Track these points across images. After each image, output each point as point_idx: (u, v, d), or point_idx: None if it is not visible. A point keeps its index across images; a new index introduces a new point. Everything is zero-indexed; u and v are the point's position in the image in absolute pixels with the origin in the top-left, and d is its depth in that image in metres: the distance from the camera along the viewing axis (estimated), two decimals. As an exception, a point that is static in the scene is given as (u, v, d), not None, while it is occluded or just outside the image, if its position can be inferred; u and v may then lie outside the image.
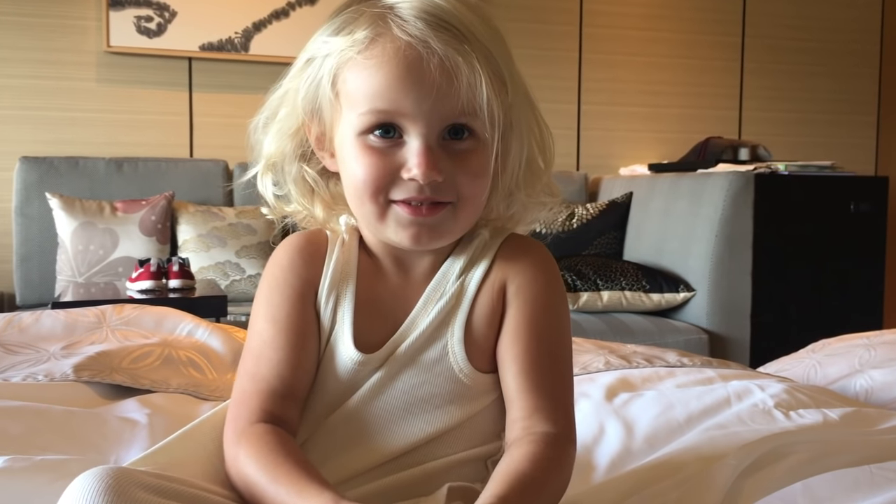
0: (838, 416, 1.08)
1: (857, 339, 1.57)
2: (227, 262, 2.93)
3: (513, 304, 0.77)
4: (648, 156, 3.77)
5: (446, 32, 0.69)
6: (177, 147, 3.32)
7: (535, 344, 0.76)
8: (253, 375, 0.75)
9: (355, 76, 0.71)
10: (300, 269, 0.78)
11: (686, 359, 1.42)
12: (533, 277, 0.78)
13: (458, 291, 0.77)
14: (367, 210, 0.74)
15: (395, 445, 0.74)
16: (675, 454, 0.93)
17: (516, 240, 0.81)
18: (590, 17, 3.74)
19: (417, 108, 0.70)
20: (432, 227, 0.73)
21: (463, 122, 0.71)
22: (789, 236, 2.99)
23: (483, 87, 0.69)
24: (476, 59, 0.69)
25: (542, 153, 0.79)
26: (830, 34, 4.04)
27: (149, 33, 3.22)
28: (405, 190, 0.72)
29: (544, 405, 0.74)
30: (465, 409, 0.76)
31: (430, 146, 0.71)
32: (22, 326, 1.37)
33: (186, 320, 1.46)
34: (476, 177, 0.73)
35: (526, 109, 0.77)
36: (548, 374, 0.75)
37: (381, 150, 0.72)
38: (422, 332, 0.76)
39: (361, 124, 0.71)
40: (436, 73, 0.69)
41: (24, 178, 3.02)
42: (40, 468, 0.83)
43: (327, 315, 0.77)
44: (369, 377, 0.75)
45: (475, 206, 0.75)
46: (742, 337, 2.81)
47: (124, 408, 1.11)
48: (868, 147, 4.15)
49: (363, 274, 0.79)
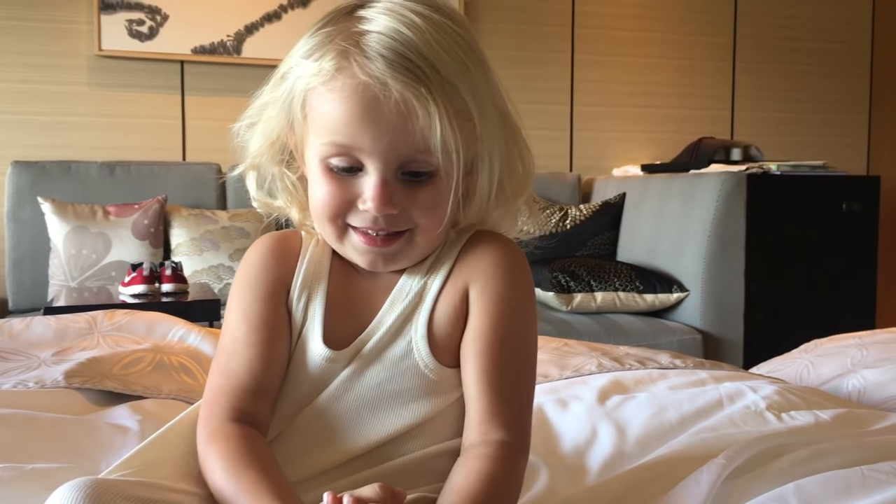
0: (830, 418, 1.08)
1: (849, 338, 1.57)
2: (221, 265, 2.93)
3: (476, 304, 0.78)
4: (641, 156, 3.78)
5: (407, 73, 0.69)
6: (169, 150, 3.32)
7: (496, 345, 0.76)
8: (225, 371, 0.77)
9: (319, 105, 0.73)
10: (272, 268, 0.80)
11: (678, 360, 1.42)
12: (496, 277, 0.78)
13: (421, 289, 0.79)
14: (327, 231, 0.77)
15: (365, 441, 0.76)
16: (667, 456, 0.93)
17: (481, 236, 0.81)
18: (582, 19, 3.74)
19: (374, 146, 0.71)
20: (387, 255, 0.76)
21: (419, 158, 0.72)
22: (782, 236, 3.00)
23: (438, 129, 0.70)
24: (432, 101, 0.69)
25: (521, 173, 0.80)
26: (822, 34, 4.05)
27: (140, 37, 3.21)
28: (360, 218, 0.74)
29: (500, 410, 0.75)
30: (432, 403, 0.77)
31: (387, 180, 0.72)
32: (12, 333, 1.36)
33: (178, 325, 1.45)
34: (432, 210, 0.74)
35: (499, 135, 0.77)
36: (507, 377, 0.76)
37: (340, 179, 0.74)
38: (387, 329, 0.77)
39: (323, 152, 0.73)
40: (392, 113, 0.70)
41: (16, 183, 3.01)
42: (31, 477, 0.83)
43: (299, 312, 0.79)
44: (338, 374, 0.77)
45: (432, 235, 0.76)
46: (735, 337, 2.81)
47: (115, 414, 1.11)
48: (860, 146, 4.16)
49: (335, 274, 0.81)
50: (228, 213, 3.08)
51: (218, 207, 3.18)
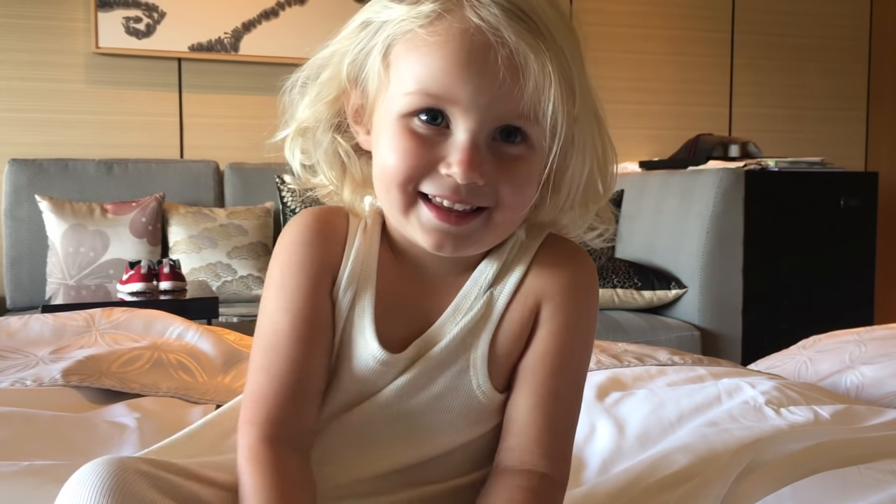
0: (829, 414, 1.08)
1: (847, 335, 1.57)
2: (219, 263, 2.92)
3: (545, 327, 0.71)
4: (639, 153, 3.77)
5: (523, 24, 0.62)
6: (167, 148, 3.31)
7: (557, 374, 0.71)
8: (267, 369, 0.69)
9: (412, 51, 0.64)
10: (317, 251, 0.71)
11: (677, 357, 1.42)
12: (571, 298, 0.71)
13: (487, 303, 0.71)
14: (393, 198, 0.66)
15: (406, 457, 0.71)
16: (668, 452, 0.93)
17: (557, 245, 0.73)
18: (580, 15, 3.73)
19: (473, 100, 0.62)
20: (458, 237, 0.66)
21: (519, 125, 0.64)
22: (780, 232, 3.00)
23: (552, 91, 0.62)
24: (549, 59, 0.62)
25: (602, 177, 0.72)
26: (820, 30, 4.05)
27: (138, 34, 3.20)
28: (439, 185, 0.64)
29: (549, 442, 0.70)
30: (474, 429, 0.72)
31: (478, 144, 0.63)
32: (10, 331, 1.36)
33: (176, 323, 1.45)
34: (520, 187, 0.66)
35: (592, 126, 0.70)
36: (561, 408, 0.71)
37: (422, 137, 0.64)
38: (448, 342, 0.70)
39: (407, 105, 0.64)
40: (502, 66, 0.61)
41: (13, 181, 3.00)
42: (28, 473, 0.83)
43: (345, 306, 0.71)
44: (391, 379, 0.70)
45: (513, 218, 0.68)
46: (734, 333, 2.82)
47: (113, 412, 1.11)
48: (858, 143, 4.16)
49: (384, 266, 0.72)
50: (226, 210, 3.08)
51: (216, 205, 3.18)
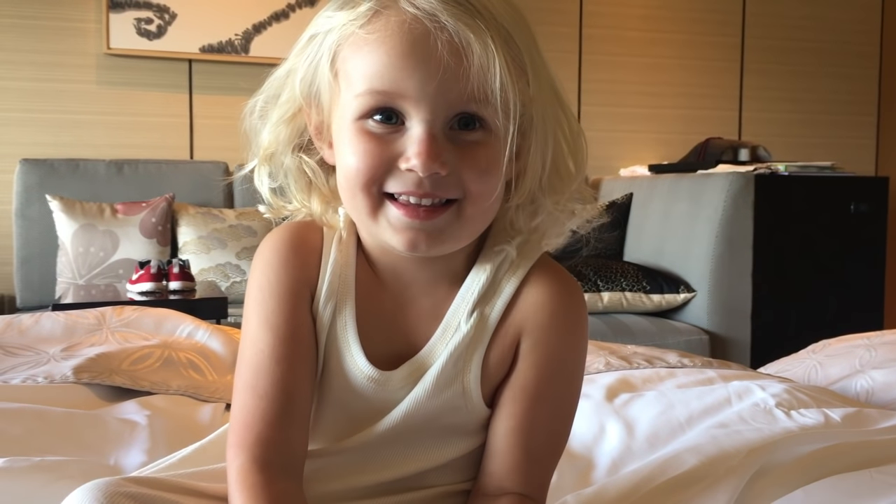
0: (839, 417, 1.08)
1: (857, 339, 1.56)
2: (228, 263, 2.93)
3: (525, 360, 0.70)
4: (648, 157, 3.77)
5: (459, 7, 0.61)
6: (177, 149, 3.32)
7: (536, 407, 0.70)
8: (254, 389, 0.69)
9: (355, 53, 0.64)
10: (293, 267, 0.71)
11: (686, 359, 1.42)
12: (551, 334, 0.70)
13: (479, 324, 0.70)
14: (359, 203, 0.65)
15: (402, 470, 0.71)
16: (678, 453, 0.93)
17: (547, 274, 0.72)
18: (589, 18, 3.74)
19: (421, 90, 0.62)
20: (431, 233, 0.65)
21: (472, 110, 0.63)
22: (789, 237, 2.99)
23: (497, 69, 0.61)
24: (491, 38, 0.61)
25: (571, 155, 0.71)
26: (830, 34, 4.04)
27: (149, 35, 3.22)
28: (402, 182, 0.63)
29: (526, 469, 0.70)
30: (470, 441, 0.73)
31: (434, 134, 0.62)
32: (22, 328, 1.37)
33: (186, 322, 1.45)
34: (484, 173, 0.64)
35: (552, 104, 0.68)
36: (540, 438, 0.71)
37: (378, 137, 0.64)
38: (443, 366, 0.69)
39: (359, 107, 0.64)
40: (444, 51, 0.61)
41: (24, 181, 3.02)
42: (40, 469, 0.83)
43: (326, 320, 0.70)
44: (384, 397, 0.70)
45: (483, 208, 0.66)
46: (742, 337, 2.81)
47: (124, 409, 1.11)
48: (868, 147, 4.15)
49: (363, 278, 0.72)
50: (235, 211, 3.09)
51: (225, 206, 3.19)
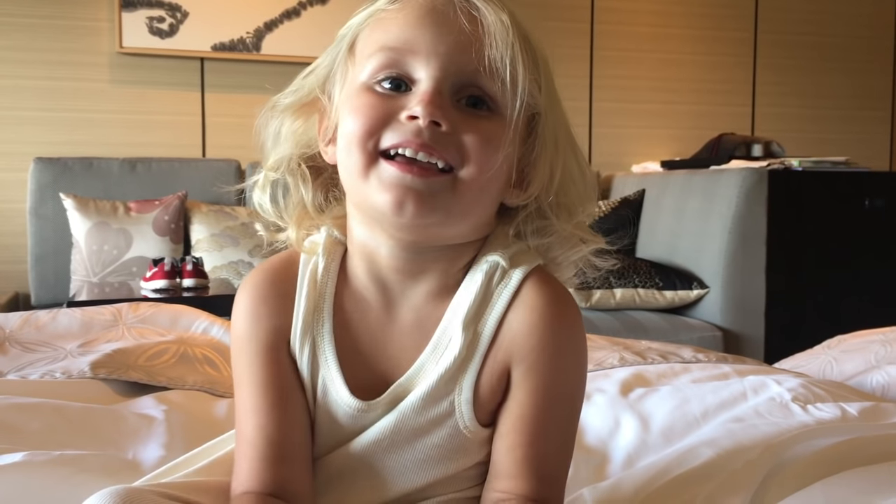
0: (856, 411, 1.07)
1: (872, 334, 1.56)
2: (240, 261, 2.94)
3: (520, 388, 0.67)
4: (661, 153, 3.76)
5: None
6: (189, 147, 3.34)
7: (538, 437, 0.67)
8: (243, 435, 0.70)
9: (374, 28, 0.66)
10: (265, 320, 0.70)
11: (701, 355, 1.41)
12: (545, 361, 0.67)
13: (471, 341, 0.67)
14: (353, 161, 0.64)
15: (392, 491, 0.71)
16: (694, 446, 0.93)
17: (538, 287, 0.68)
18: (601, 14, 3.73)
19: (433, 47, 0.62)
20: (422, 195, 0.62)
21: (481, 83, 0.63)
22: (803, 232, 2.97)
23: (510, 40, 0.62)
24: (507, 15, 0.63)
25: (580, 184, 0.70)
26: (843, 29, 4.01)
27: (161, 34, 3.23)
28: (400, 133, 0.62)
29: (533, 486, 0.67)
30: (464, 459, 0.71)
31: (441, 90, 0.62)
32: (39, 325, 1.38)
33: (202, 318, 1.46)
34: (486, 142, 0.63)
35: (563, 134, 0.69)
36: (544, 462, 0.68)
37: (382, 94, 0.64)
38: (432, 386, 0.67)
39: (368, 69, 0.64)
40: (461, 16, 0.62)
41: (38, 179, 3.04)
42: (59, 462, 0.84)
43: (305, 362, 0.69)
44: (372, 422, 0.69)
45: (480, 182, 0.63)
46: (756, 334, 2.79)
47: (141, 404, 1.12)
48: (882, 142, 4.12)
49: (342, 306, 0.70)
50: (248, 209, 3.10)
51: (237, 204, 3.20)
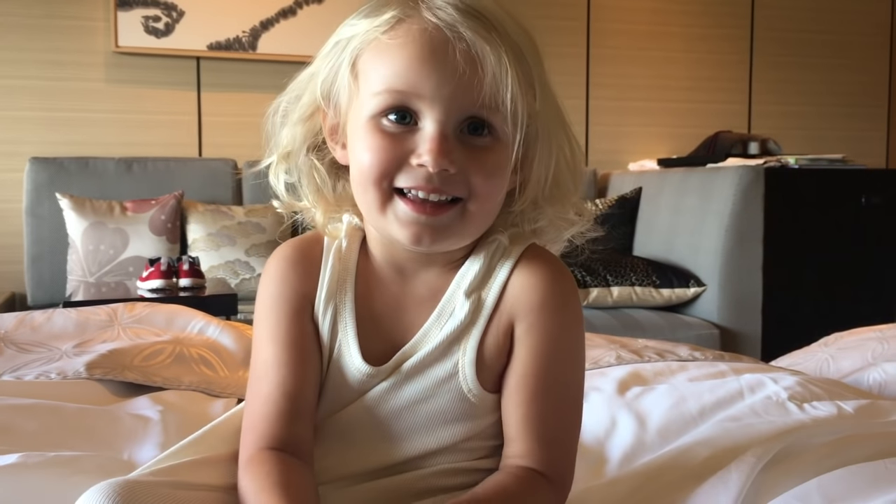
0: (853, 409, 1.07)
1: (869, 332, 1.56)
2: (237, 260, 2.94)
3: (521, 346, 0.73)
4: (658, 151, 3.76)
5: (477, 21, 0.67)
6: (186, 146, 3.33)
7: (542, 393, 0.72)
8: (259, 395, 0.73)
9: (377, 57, 0.69)
10: (294, 282, 0.75)
11: (698, 353, 1.41)
12: (543, 316, 0.72)
13: (475, 308, 0.73)
14: (370, 197, 0.69)
15: (396, 456, 0.73)
16: (690, 445, 0.93)
17: (536, 258, 0.74)
18: (598, 12, 3.73)
19: (437, 92, 0.66)
20: (436, 228, 0.69)
21: (483, 115, 0.68)
22: (800, 230, 2.97)
23: (509, 80, 0.66)
24: (504, 52, 0.66)
25: (571, 172, 0.75)
26: (840, 26, 4.01)
27: (157, 33, 3.23)
28: (412, 177, 0.67)
29: (540, 454, 0.71)
30: (470, 425, 0.74)
31: (446, 134, 0.67)
32: (34, 325, 1.37)
33: (198, 318, 1.46)
34: (490, 176, 0.69)
35: (556, 123, 0.73)
36: (551, 424, 0.72)
37: (392, 135, 0.68)
38: (433, 347, 0.72)
39: (376, 105, 0.68)
40: (461, 59, 0.66)
41: (34, 179, 3.03)
42: (54, 463, 0.84)
43: (326, 327, 0.74)
44: (377, 386, 0.73)
45: (487, 208, 0.70)
46: (753, 331, 2.80)
47: (137, 405, 1.11)
48: (879, 140, 4.13)
49: (364, 279, 0.76)
50: (244, 208, 3.09)
51: (234, 203, 3.20)
